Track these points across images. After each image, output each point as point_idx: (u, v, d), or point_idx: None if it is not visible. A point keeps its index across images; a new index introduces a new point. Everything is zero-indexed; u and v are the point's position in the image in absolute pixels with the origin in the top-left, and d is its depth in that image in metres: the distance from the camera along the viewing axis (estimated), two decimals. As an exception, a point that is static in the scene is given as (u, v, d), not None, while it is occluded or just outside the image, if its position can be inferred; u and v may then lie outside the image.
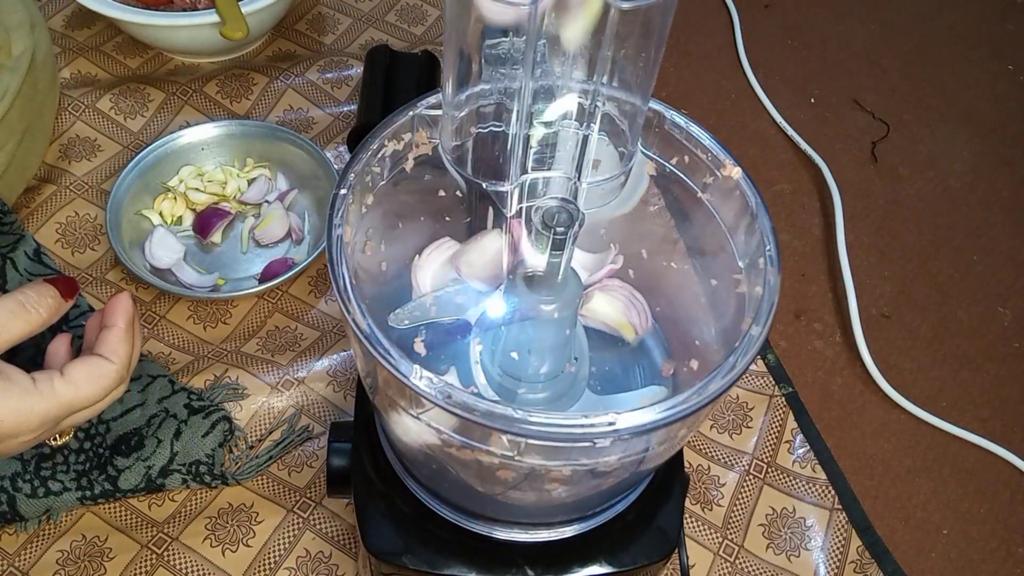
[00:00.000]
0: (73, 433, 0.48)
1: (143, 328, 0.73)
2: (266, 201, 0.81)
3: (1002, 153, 0.98)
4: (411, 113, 0.44)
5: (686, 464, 0.68)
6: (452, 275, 0.49)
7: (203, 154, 0.83)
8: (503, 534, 0.47)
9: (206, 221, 0.78)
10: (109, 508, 0.65)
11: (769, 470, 0.72)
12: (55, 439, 0.47)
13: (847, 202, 0.89)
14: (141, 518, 0.65)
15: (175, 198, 0.80)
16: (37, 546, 0.63)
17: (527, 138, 0.40)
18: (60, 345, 0.48)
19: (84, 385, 0.44)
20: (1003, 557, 0.70)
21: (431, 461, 0.44)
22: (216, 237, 0.79)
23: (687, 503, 0.68)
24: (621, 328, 0.49)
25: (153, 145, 0.80)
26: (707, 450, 0.72)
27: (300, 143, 0.82)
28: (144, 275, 0.73)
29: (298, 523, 0.66)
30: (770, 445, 0.73)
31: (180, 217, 0.80)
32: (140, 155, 0.80)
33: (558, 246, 0.38)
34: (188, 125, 0.83)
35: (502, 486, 0.42)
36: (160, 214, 0.80)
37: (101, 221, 0.79)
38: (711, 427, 0.73)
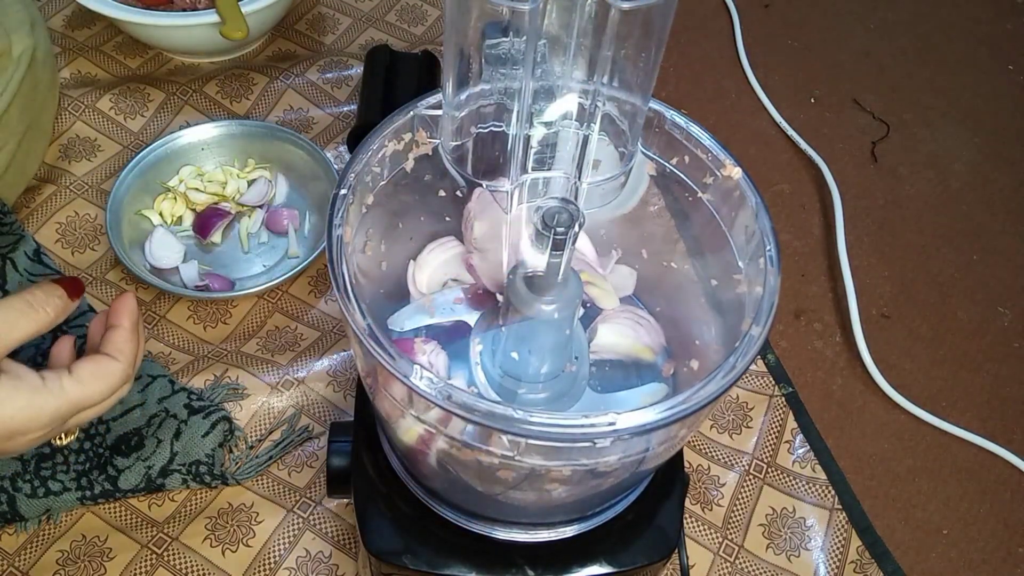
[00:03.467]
0: (76, 433, 0.49)
1: (144, 328, 0.73)
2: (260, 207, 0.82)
3: (1002, 153, 0.98)
4: (411, 113, 0.44)
5: (686, 464, 0.68)
6: (451, 276, 0.49)
7: (203, 154, 0.83)
8: (503, 534, 0.47)
9: (206, 221, 0.78)
10: (109, 508, 0.65)
11: (769, 470, 0.72)
12: (60, 438, 0.48)
13: (847, 202, 0.89)
14: (141, 518, 0.65)
15: (175, 198, 0.80)
16: (37, 546, 0.63)
17: (527, 138, 0.40)
18: (64, 346, 0.48)
19: (92, 383, 0.44)
20: (1003, 557, 0.70)
21: (431, 461, 0.44)
22: (216, 237, 0.79)
23: (687, 503, 0.68)
24: (638, 353, 0.49)
25: (153, 145, 0.80)
26: (707, 450, 0.72)
27: (300, 143, 0.82)
28: (144, 275, 0.73)
29: (298, 523, 0.66)
30: (770, 445, 0.73)
31: (180, 217, 0.80)
32: (140, 155, 0.80)
33: (558, 246, 0.38)
34: (188, 125, 0.83)
35: (502, 486, 0.42)
36: (160, 214, 0.80)
37: (101, 221, 0.79)
38: (711, 427, 0.73)
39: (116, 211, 0.76)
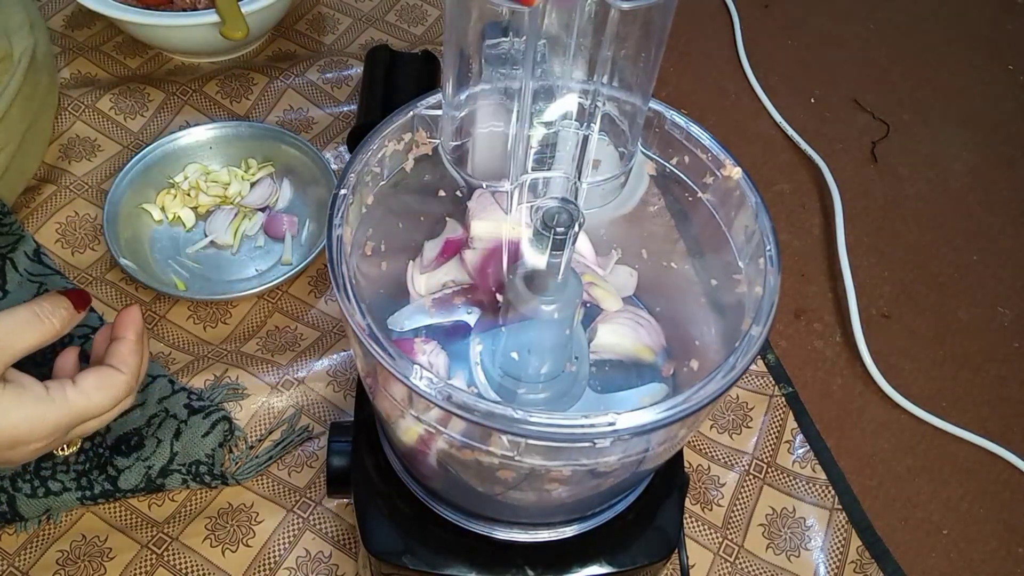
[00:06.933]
0: (78, 444, 0.49)
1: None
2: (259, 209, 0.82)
3: (1002, 153, 0.98)
4: (411, 113, 0.44)
5: (686, 464, 0.68)
6: (451, 277, 0.49)
7: (209, 153, 0.83)
8: (503, 534, 0.47)
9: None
10: (109, 508, 0.65)
11: (769, 470, 0.72)
12: (63, 449, 0.48)
13: (847, 202, 0.89)
14: (141, 518, 0.65)
15: (175, 195, 0.80)
16: (37, 546, 0.63)
17: (527, 138, 0.40)
18: (68, 358, 0.49)
19: (95, 394, 0.45)
20: (1003, 557, 0.70)
21: (431, 461, 0.44)
22: (229, 238, 0.79)
23: (687, 503, 0.68)
24: (638, 353, 0.48)
25: (152, 145, 0.80)
26: (707, 450, 0.72)
27: (299, 144, 0.82)
28: (142, 276, 0.73)
29: (298, 523, 0.66)
30: (770, 445, 0.73)
31: (178, 216, 0.80)
32: (140, 155, 0.80)
33: (558, 246, 0.38)
34: (188, 125, 0.83)
35: (502, 486, 0.42)
36: (162, 208, 0.80)
37: (101, 221, 0.79)
38: (711, 427, 0.73)
39: (113, 211, 0.76)
